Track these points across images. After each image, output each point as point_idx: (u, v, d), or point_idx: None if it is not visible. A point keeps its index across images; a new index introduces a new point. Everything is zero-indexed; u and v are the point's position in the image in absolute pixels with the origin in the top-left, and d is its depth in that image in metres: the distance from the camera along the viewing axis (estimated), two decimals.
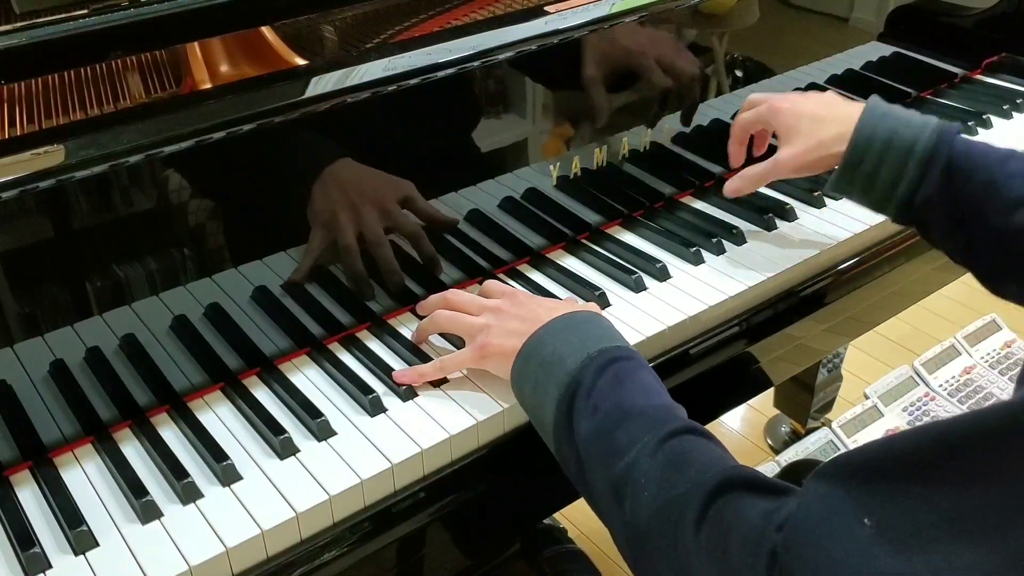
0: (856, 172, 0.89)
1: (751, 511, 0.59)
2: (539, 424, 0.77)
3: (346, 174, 0.86)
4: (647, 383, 0.73)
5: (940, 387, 2.02)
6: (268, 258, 0.85)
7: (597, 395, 0.71)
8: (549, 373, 0.75)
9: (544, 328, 0.78)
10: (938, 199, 0.85)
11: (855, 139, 0.89)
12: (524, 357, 0.78)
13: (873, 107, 0.90)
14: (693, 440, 0.67)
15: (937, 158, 0.85)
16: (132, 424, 0.82)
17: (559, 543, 1.57)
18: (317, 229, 0.85)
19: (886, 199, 0.88)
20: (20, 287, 0.74)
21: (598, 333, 0.77)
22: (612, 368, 0.73)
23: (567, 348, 0.75)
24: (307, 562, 0.73)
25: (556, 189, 1.03)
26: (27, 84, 0.78)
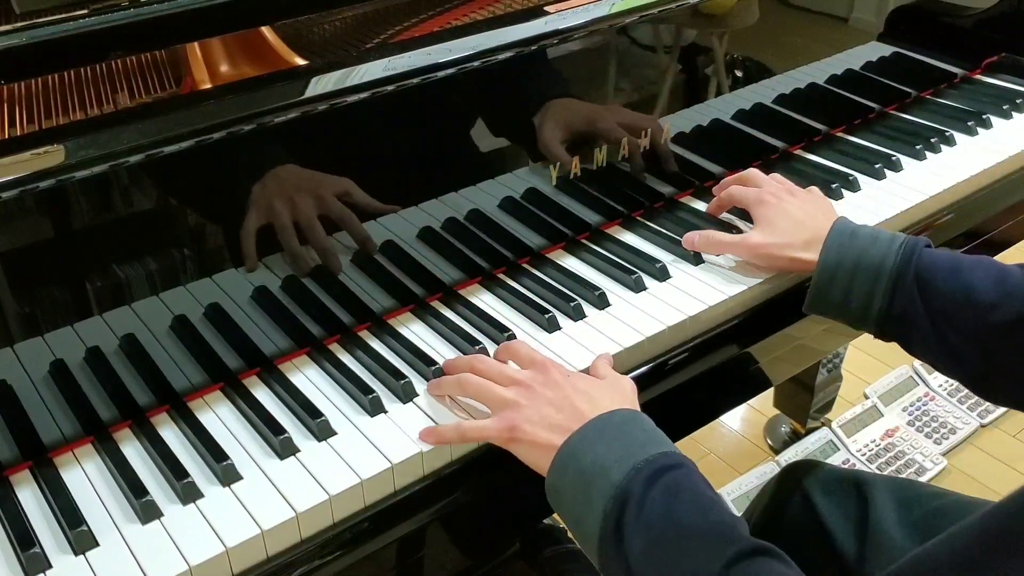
0: (829, 294, 0.90)
1: None
2: (580, 536, 0.72)
3: (283, 172, 0.83)
4: (702, 494, 0.69)
5: (940, 387, 2.02)
6: (268, 258, 0.85)
7: (649, 511, 0.67)
8: (592, 484, 0.70)
9: (582, 432, 0.73)
10: (913, 313, 0.86)
11: (823, 260, 0.90)
12: (562, 465, 0.73)
13: (841, 228, 0.92)
14: (759, 563, 0.64)
15: (906, 272, 0.86)
16: (132, 424, 0.82)
17: (559, 543, 1.57)
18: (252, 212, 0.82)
19: (862, 317, 0.89)
20: (20, 287, 0.74)
21: (642, 437, 0.73)
22: (663, 480, 0.69)
23: (610, 456, 0.71)
24: (307, 562, 0.73)
25: (556, 189, 1.03)
26: (27, 84, 0.78)
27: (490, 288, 0.98)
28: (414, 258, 0.94)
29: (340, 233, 0.88)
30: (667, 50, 1.09)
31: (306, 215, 0.85)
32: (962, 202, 1.17)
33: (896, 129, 1.28)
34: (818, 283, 0.91)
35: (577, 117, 1.01)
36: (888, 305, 0.87)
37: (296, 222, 0.85)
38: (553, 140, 0.99)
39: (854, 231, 0.91)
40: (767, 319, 0.99)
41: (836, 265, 0.89)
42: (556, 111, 0.98)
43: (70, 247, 0.76)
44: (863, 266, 0.88)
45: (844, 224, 0.92)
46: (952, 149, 1.23)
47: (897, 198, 1.12)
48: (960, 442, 1.91)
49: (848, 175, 1.16)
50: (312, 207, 0.85)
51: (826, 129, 1.27)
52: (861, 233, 0.91)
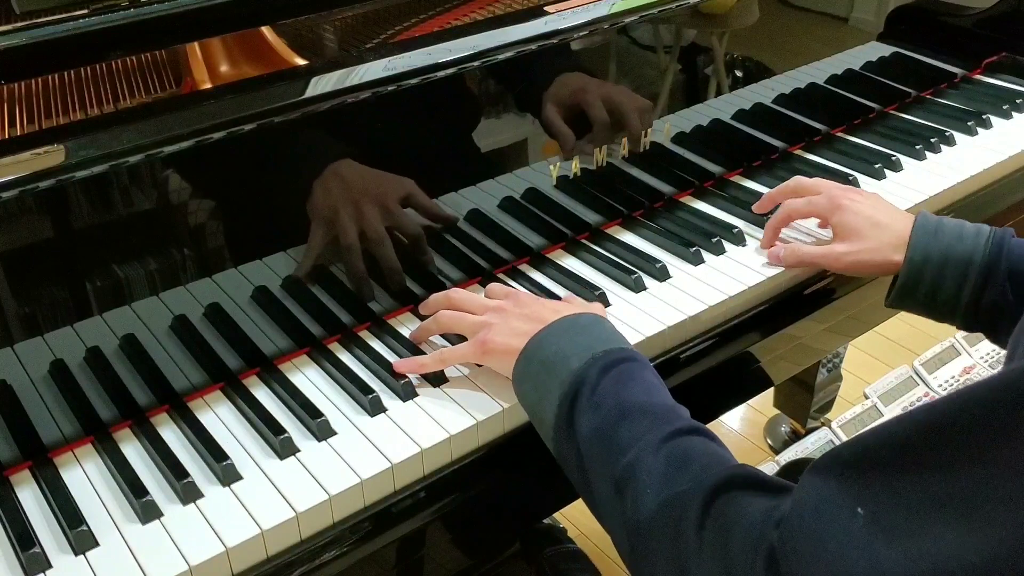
0: (916, 290, 0.90)
1: (752, 509, 0.59)
2: (539, 422, 0.77)
3: (348, 172, 0.86)
4: (651, 383, 0.74)
5: (940, 387, 2.02)
6: (268, 258, 0.85)
7: (600, 394, 0.71)
8: (552, 372, 0.75)
9: (548, 328, 0.78)
10: (1004, 305, 0.86)
11: (911, 256, 0.89)
12: (527, 356, 0.78)
13: (925, 223, 0.91)
14: (696, 440, 0.68)
15: (997, 266, 0.86)
16: (132, 424, 0.82)
17: (559, 543, 1.57)
18: (318, 227, 0.85)
19: (950, 312, 0.89)
20: (20, 287, 0.74)
21: (603, 335, 0.77)
22: (616, 368, 0.73)
23: (571, 348, 0.76)
24: (307, 562, 0.73)
25: (556, 189, 1.03)
26: (27, 84, 0.78)
27: None
28: (414, 258, 0.94)
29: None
30: (667, 50, 1.09)
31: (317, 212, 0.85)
32: (962, 202, 1.17)
33: (896, 129, 1.28)
34: (906, 280, 0.90)
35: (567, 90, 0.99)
36: (978, 298, 0.87)
37: (297, 220, 0.85)
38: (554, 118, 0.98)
39: (938, 225, 0.90)
40: (767, 319, 0.99)
41: (924, 261, 0.88)
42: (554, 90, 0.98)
43: (70, 247, 0.76)
44: (952, 260, 0.87)
45: (927, 219, 0.91)
46: (952, 149, 1.23)
47: (897, 198, 1.12)
48: None
49: (848, 175, 1.16)
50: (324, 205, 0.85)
51: (826, 129, 1.27)
52: (946, 227, 0.90)
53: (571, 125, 1.00)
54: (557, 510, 1.04)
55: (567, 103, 0.99)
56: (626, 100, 1.04)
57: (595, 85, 1.01)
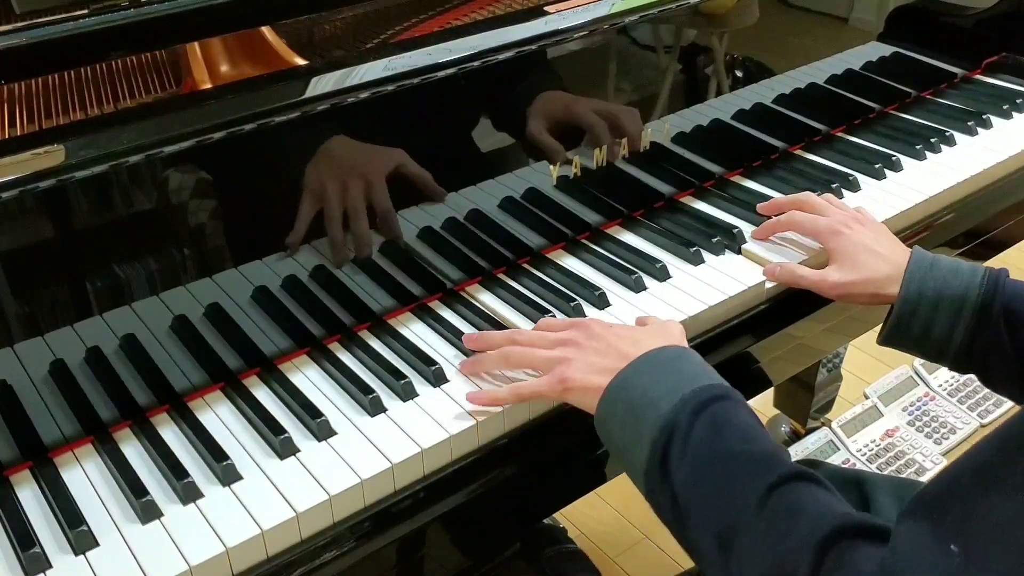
0: (910, 326, 0.88)
1: (861, 563, 0.58)
2: (627, 465, 0.74)
3: (337, 148, 0.85)
4: (746, 425, 0.71)
5: (940, 387, 2.02)
6: (268, 258, 0.85)
7: (695, 441, 0.69)
8: (640, 416, 0.72)
9: (631, 366, 0.75)
10: (998, 347, 0.85)
11: (905, 292, 0.88)
12: (611, 397, 0.75)
13: (920, 259, 0.89)
14: (800, 488, 0.65)
15: (992, 306, 0.85)
16: (132, 424, 0.82)
17: (559, 543, 1.57)
18: (306, 196, 0.84)
19: (942, 351, 0.88)
20: (20, 287, 0.74)
21: (689, 371, 0.75)
22: (709, 410, 0.70)
23: (658, 389, 0.72)
24: (307, 562, 0.73)
25: (556, 189, 1.03)
26: (27, 84, 0.78)
27: (490, 288, 0.98)
28: (414, 258, 0.94)
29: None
30: (667, 50, 1.09)
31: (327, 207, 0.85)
32: (962, 202, 1.17)
33: (896, 129, 1.28)
34: (899, 317, 0.88)
35: (558, 107, 0.99)
36: (971, 338, 0.85)
37: (315, 212, 0.85)
38: (540, 131, 0.98)
39: (933, 261, 0.89)
40: (767, 319, 0.99)
41: (918, 297, 0.87)
42: (541, 103, 0.97)
43: (70, 247, 0.76)
44: (946, 298, 0.86)
45: (922, 255, 0.90)
46: (952, 149, 1.23)
47: (897, 198, 1.12)
48: (960, 442, 1.90)
49: (848, 175, 1.16)
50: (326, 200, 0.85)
51: (826, 129, 1.27)
52: (941, 264, 0.88)
53: (557, 138, 1.00)
54: (557, 510, 1.05)
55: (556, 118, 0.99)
56: (615, 110, 1.03)
57: (582, 100, 1.01)
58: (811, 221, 0.99)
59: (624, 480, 0.78)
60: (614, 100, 1.04)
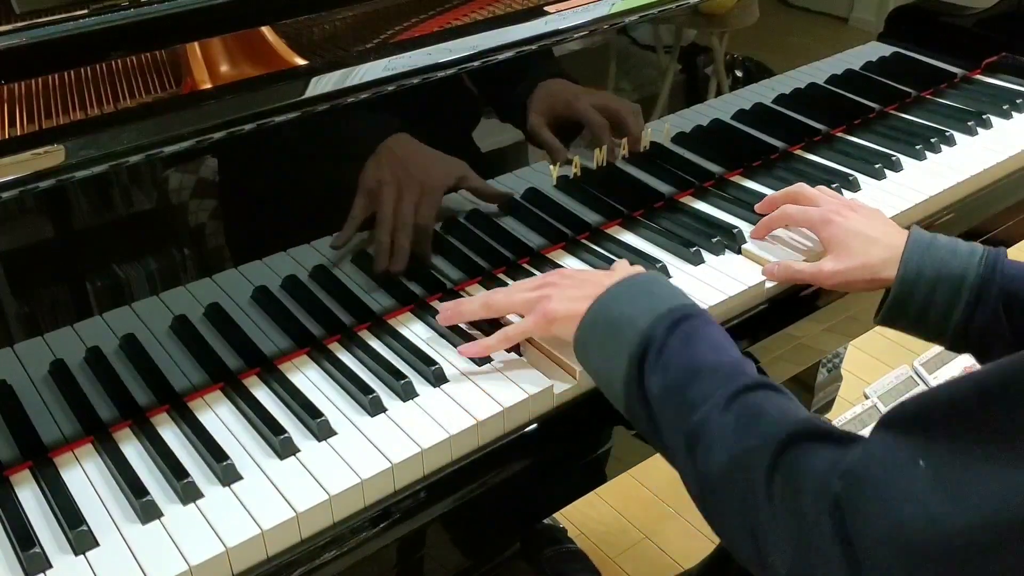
0: (907, 307, 0.88)
1: (819, 461, 0.62)
2: (606, 384, 0.79)
3: (400, 151, 0.88)
4: (717, 339, 0.76)
5: None
6: (268, 258, 0.85)
7: (668, 353, 0.73)
8: (618, 334, 0.77)
9: (609, 291, 0.80)
10: (995, 327, 0.85)
11: (903, 272, 0.88)
12: (590, 320, 0.79)
13: (918, 238, 0.89)
14: (764, 394, 0.70)
15: (989, 286, 0.85)
16: (132, 424, 0.82)
17: (559, 543, 1.57)
18: (360, 197, 0.87)
19: (939, 331, 0.88)
20: (20, 287, 0.74)
21: (663, 293, 0.79)
22: (682, 326, 0.75)
23: (635, 309, 0.77)
24: (307, 562, 0.73)
25: (556, 189, 1.03)
26: (27, 84, 0.78)
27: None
28: (414, 258, 0.94)
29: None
30: (667, 50, 1.09)
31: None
32: (962, 202, 1.17)
33: (896, 129, 1.28)
34: (897, 296, 0.88)
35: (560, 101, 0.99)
36: (968, 318, 0.85)
37: (298, 219, 0.85)
38: (541, 127, 0.98)
39: (931, 241, 0.89)
40: (767, 319, 0.99)
41: (916, 277, 0.87)
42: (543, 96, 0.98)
43: (70, 247, 0.76)
44: (944, 278, 0.86)
45: (920, 234, 0.90)
46: (952, 149, 1.23)
47: (897, 198, 1.12)
48: None
49: (848, 175, 1.16)
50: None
51: (826, 129, 1.27)
52: (939, 243, 0.88)
53: (559, 135, 1.00)
54: (557, 510, 1.05)
55: (556, 113, 0.99)
56: (618, 105, 1.04)
57: (584, 93, 1.01)
58: (802, 212, 1.00)
59: (624, 480, 0.79)
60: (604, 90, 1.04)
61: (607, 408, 0.80)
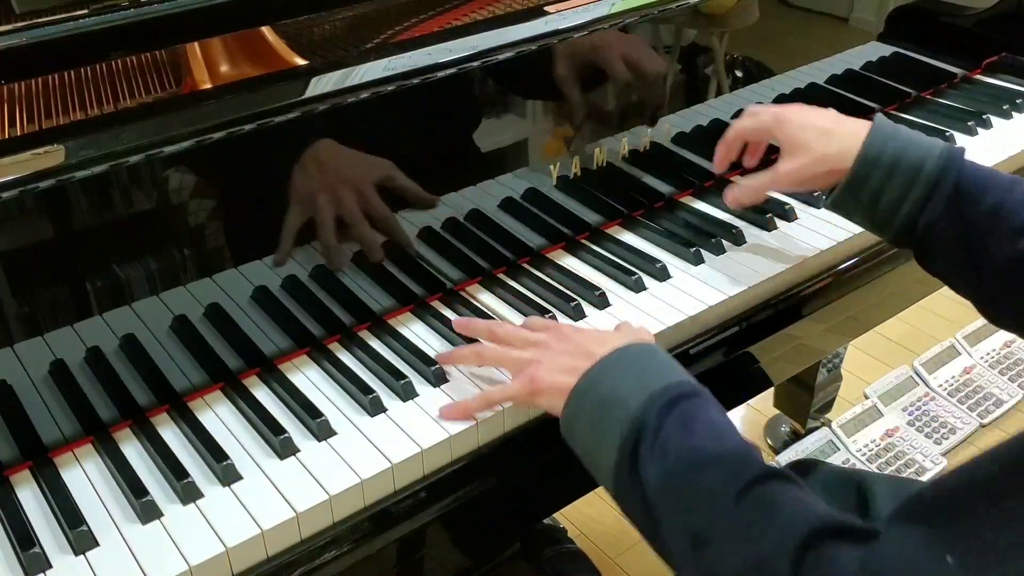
0: (860, 190, 0.86)
1: (844, 563, 0.57)
2: (593, 463, 0.73)
3: (325, 155, 0.84)
4: (716, 422, 0.70)
5: (940, 387, 2.02)
6: (268, 258, 0.85)
7: (664, 439, 0.67)
8: (608, 413, 0.71)
9: (598, 364, 0.74)
10: (943, 223, 0.83)
11: (862, 155, 0.86)
12: (579, 395, 0.74)
13: (881, 125, 0.88)
14: (776, 487, 0.64)
15: (945, 180, 0.83)
16: (132, 424, 0.82)
17: (559, 543, 1.57)
18: (294, 206, 0.84)
19: (887, 220, 0.86)
20: (20, 287, 0.74)
21: (657, 367, 0.74)
22: (678, 408, 0.69)
23: (626, 387, 0.72)
24: (307, 562, 0.73)
25: (556, 189, 1.03)
26: (27, 84, 0.78)
27: (490, 288, 0.98)
28: (414, 258, 0.94)
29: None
30: (667, 50, 1.09)
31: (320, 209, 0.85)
32: None
33: None
34: (852, 179, 0.86)
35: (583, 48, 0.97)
36: (918, 212, 0.84)
37: (314, 214, 0.85)
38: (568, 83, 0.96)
39: (895, 129, 0.87)
40: (767, 319, 0.99)
41: (875, 161, 0.85)
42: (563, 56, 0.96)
43: (70, 247, 0.76)
44: (902, 165, 0.84)
45: (884, 121, 0.88)
46: None
47: None
48: (960, 442, 1.90)
49: None
50: (325, 201, 0.85)
51: None
52: (902, 132, 0.87)
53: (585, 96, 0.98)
54: (557, 510, 1.05)
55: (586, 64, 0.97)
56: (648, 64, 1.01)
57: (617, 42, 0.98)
58: (754, 121, 0.96)
59: None
60: (614, 100, 1.04)
61: None
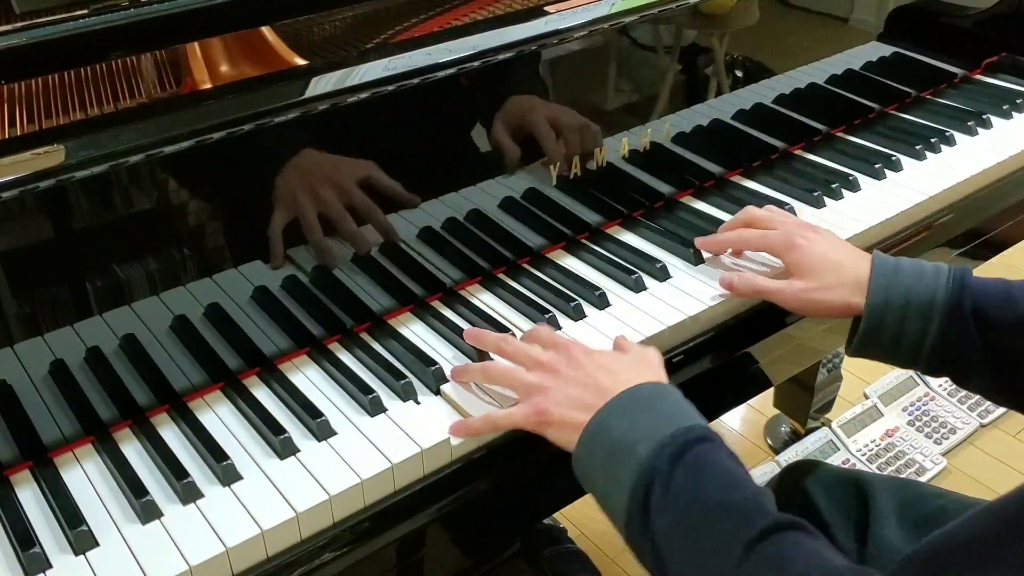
0: (879, 335, 0.86)
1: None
2: (606, 508, 0.73)
3: (305, 161, 0.84)
4: (728, 470, 0.70)
5: (940, 387, 2.02)
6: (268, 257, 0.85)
7: (675, 489, 0.68)
8: (619, 460, 0.71)
9: (608, 407, 0.74)
10: (967, 347, 0.83)
11: (871, 302, 0.85)
12: (589, 439, 0.74)
13: (882, 264, 0.87)
14: (784, 538, 0.64)
15: (959, 306, 0.83)
16: (132, 424, 0.82)
17: (559, 543, 1.57)
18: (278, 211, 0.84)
19: (915, 356, 0.86)
20: (20, 287, 0.74)
21: (668, 411, 0.74)
22: (689, 455, 0.69)
23: (636, 432, 0.71)
24: (307, 562, 0.73)
25: (556, 189, 1.03)
26: (27, 84, 0.78)
27: (490, 288, 0.98)
28: (414, 258, 0.94)
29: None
30: (667, 50, 1.09)
31: (314, 209, 0.85)
32: (962, 202, 1.17)
33: (896, 129, 1.28)
34: (868, 327, 0.86)
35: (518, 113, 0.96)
36: (942, 340, 0.83)
37: (307, 216, 0.85)
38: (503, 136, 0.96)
39: (896, 266, 0.87)
40: (767, 319, 0.99)
41: (884, 305, 0.85)
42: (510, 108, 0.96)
43: (70, 247, 0.76)
44: (913, 303, 0.84)
45: (884, 261, 0.88)
46: (952, 149, 1.23)
47: (897, 198, 1.12)
48: (960, 442, 1.90)
49: (848, 175, 1.16)
50: (322, 202, 0.85)
51: (826, 129, 1.27)
52: (904, 268, 0.86)
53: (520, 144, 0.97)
54: (557, 510, 1.04)
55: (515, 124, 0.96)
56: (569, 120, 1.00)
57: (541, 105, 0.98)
58: (762, 238, 0.95)
59: None
60: (614, 100, 1.04)
61: None
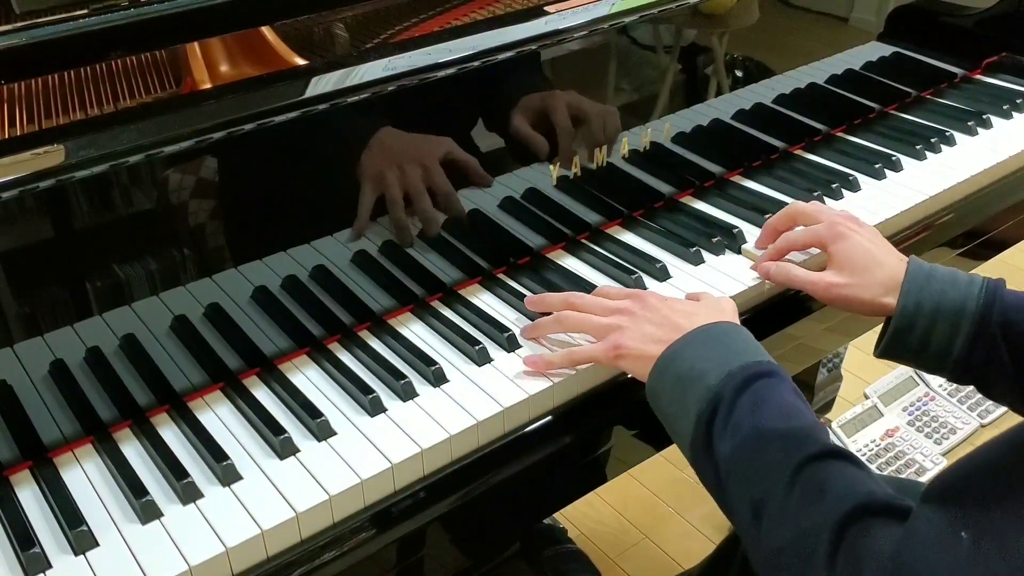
0: (907, 338, 0.86)
1: (881, 541, 0.61)
2: (674, 433, 0.78)
3: (388, 139, 0.88)
4: (786, 402, 0.73)
5: (940, 387, 2.02)
6: (268, 258, 0.85)
7: (737, 416, 0.72)
8: (688, 388, 0.76)
9: (683, 340, 0.79)
10: (996, 358, 0.84)
11: (903, 304, 0.86)
12: (661, 368, 0.78)
13: (917, 270, 0.87)
14: (829, 464, 0.68)
15: (989, 316, 0.83)
16: (132, 424, 0.82)
17: (559, 543, 1.57)
18: (366, 184, 0.87)
19: (941, 363, 0.86)
20: (20, 287, 0.74)
21: (739, 347, 0.78)
22: (752, 387, 0.73)
23: (707, 363, 0.76)
24: (307, 562, 0.73)
25: (556, 189, 1.03)
26: (27, 84, 0.78)
27: (490, 288, 0.98)
28: (414, 258, 0.94)
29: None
30: (667, 50, 1.09)
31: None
32: (962, 202, 1.17)
33: (896, 129, 1.28)
34: (897, 329, 0.86)
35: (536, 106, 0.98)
36: (969, 351, 0.84)
37: (298, 219, 0.85)
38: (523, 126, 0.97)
39: (931, 272, 0.87)
40: (767, 319, 0.99)
41: (916, 310, 0.85)
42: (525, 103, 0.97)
43: (70, 247, 0.76)
44: (944, 311, 0.84)
45: (919, 265, 0.88)
46: (952, 149, 1.23)
47: (897, 198, 1.12)
48: (960, 442, 1.91)
49: (848, 175, 1.16)
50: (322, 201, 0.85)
51: (826, 129, 1.27)
52: (938, 275, 0.86)
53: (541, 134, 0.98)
54: (557, 510, 1.05)
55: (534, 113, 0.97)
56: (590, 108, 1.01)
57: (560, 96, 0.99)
58: (808, 233, 0.96)
59: (624, 480, 0.79)
60: (614, 100, 1.04)
61: (607, 408, 0.80)
